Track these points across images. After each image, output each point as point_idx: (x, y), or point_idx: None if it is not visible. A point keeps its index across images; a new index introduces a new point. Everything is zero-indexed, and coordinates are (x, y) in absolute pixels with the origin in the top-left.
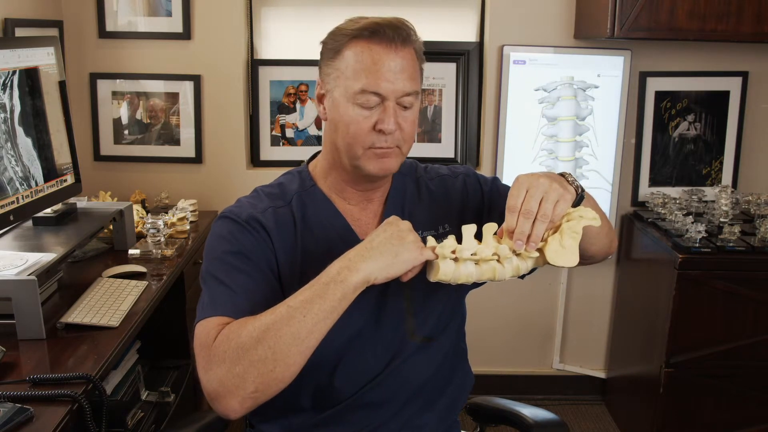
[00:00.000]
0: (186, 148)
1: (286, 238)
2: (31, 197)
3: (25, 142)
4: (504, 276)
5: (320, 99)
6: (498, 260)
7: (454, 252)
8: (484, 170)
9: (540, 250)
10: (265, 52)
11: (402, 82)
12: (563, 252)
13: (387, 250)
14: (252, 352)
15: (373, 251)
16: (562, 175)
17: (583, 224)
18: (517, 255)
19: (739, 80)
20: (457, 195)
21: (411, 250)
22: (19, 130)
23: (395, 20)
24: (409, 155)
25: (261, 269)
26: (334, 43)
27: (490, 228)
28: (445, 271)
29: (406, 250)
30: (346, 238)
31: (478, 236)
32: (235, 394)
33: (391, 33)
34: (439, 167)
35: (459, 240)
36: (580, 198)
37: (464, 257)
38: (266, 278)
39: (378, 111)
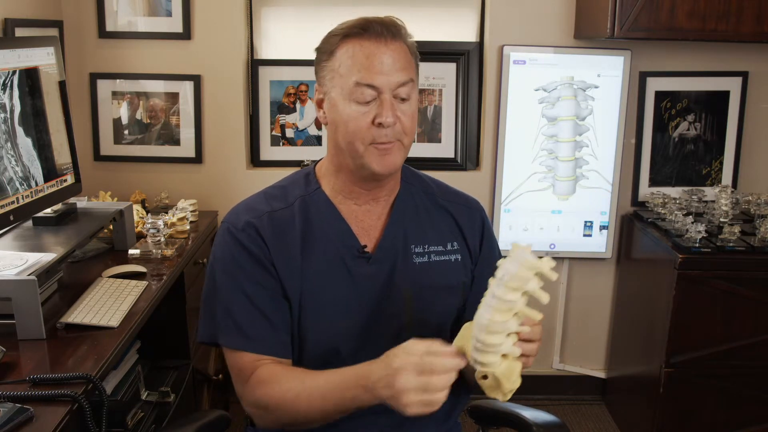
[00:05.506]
0: (186, 148)
1: (283, 240)
2: (31, 197)
3: (25, 142)
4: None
5: (319, 104)
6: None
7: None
8: (484, 170)
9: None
10: (265, 52)
11: (395, 74)
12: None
13: (412, 403)
14: (278, 415)
15: (377, 397)
16: None
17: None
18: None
19: (739, 80)
20: (465, 221)
21: (412, 413)
22: (19, 130)
23: (384, 17)
24: (409, 156)
25: (263, 282)
26: (328, 46)
27: None
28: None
29: (406, 412)
30: (346, 242)
31: None
32: (269, 428)
33: (379, 28)
34: (448, 186)
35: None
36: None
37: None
38: (270, 289)
39: (375, 106)
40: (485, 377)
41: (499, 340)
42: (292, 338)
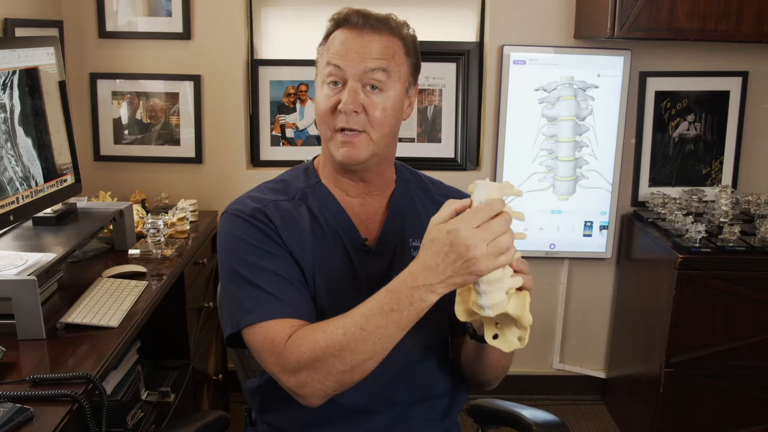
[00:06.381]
0: (186, 148)
1: (293, 228)
2: (31, 197)
3: (25, 142)
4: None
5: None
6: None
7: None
8: (484, 170)
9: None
10: (265, 52)
11: (365, 60)
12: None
13: (460, 277)
14: (329, 364)
15: (444, 277)
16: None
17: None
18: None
19: (739, 80)
20: None
21: (487, 267)
22: (19, 130)
23: (369, 11)
24: (409, 156)
25: (283, 257)
26: (325, 32)
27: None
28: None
29: (481, 269)
30: (349, 234)
31: None
32: (317, 394)
33: (356, 18)
34: (441, 182)
35: None
36: None
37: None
38: (291, 264)
39: (341, 91)
40: (496, 336)
41: (498, 274)
42: None
